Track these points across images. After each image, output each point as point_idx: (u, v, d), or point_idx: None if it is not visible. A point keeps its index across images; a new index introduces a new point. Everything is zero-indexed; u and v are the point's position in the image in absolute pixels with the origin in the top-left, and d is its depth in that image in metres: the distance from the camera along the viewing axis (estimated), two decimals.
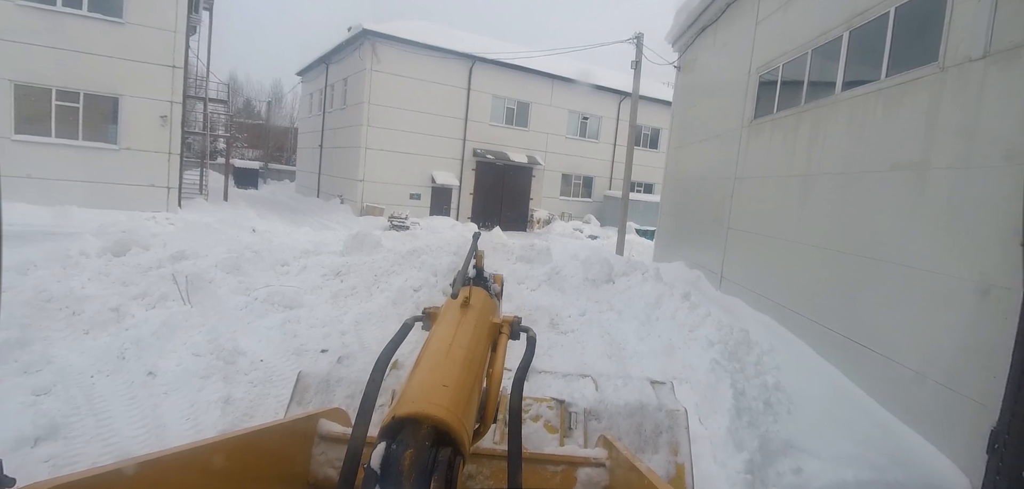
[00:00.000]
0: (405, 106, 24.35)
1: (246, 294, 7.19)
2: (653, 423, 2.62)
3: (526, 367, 1.77)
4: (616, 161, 31.98)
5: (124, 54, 15.10)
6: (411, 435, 1.18)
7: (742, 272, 8.47)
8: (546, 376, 3.06)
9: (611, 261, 9.75)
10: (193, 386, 4.69)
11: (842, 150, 5.99)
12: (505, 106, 27.50)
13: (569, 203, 31.00)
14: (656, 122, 33.02)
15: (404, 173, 24.87)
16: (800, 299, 6.70)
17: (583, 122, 30.65)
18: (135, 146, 15.53)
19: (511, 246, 11.06)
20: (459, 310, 1.94)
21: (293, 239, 12.97)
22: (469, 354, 1.62)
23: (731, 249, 8.97)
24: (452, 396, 1.32)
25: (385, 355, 1.62)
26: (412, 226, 20.94)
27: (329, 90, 29.39)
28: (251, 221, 18.53)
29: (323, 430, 1.94)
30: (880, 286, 5.20)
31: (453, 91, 25.63)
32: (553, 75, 28.19)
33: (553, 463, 1.98)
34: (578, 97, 29.55)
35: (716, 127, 10.28)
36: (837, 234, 6.02)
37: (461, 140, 26.22)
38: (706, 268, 9.96)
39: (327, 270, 9.06)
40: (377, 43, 23.18)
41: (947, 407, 4.21)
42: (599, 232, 26.77)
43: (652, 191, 33.62)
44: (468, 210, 26.98)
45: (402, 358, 2.86)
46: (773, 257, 7.54)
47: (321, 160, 30.33)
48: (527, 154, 27.91)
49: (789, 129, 7.41)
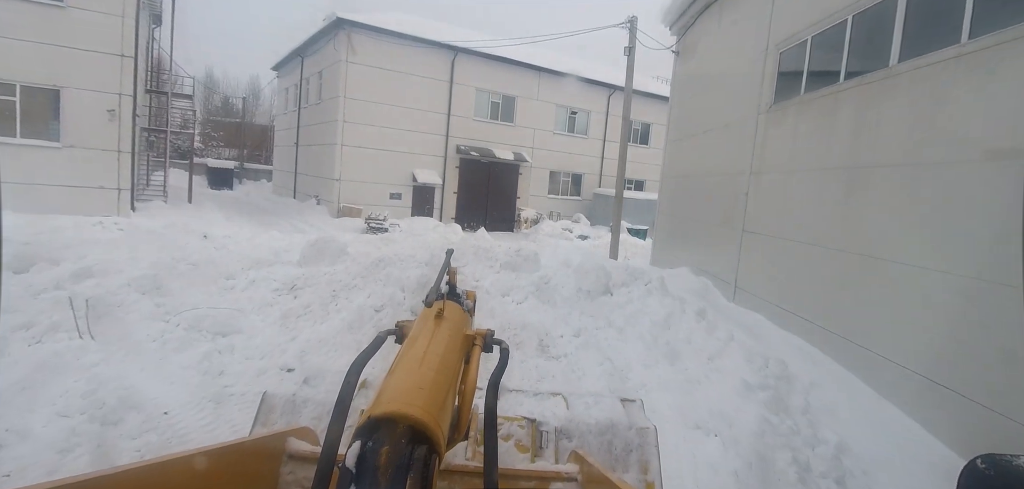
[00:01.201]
0: (383, 100, 22.97)
1: (165, 320, 5.87)
2: (623, 441, 2.63)
3: (501, 372, 1.70)
4: (606, 158, 30.85)
5: (66, 41, 13.60)
6: (387, 434, 1.19)
7: (762, 282, 7.31)
8: (518, 395, 3.04)
9: (608, 269, 8.54)
10: (46, 464, 3.40)
11: (903, 135, 4.81)
12: (490, 100, 26.20)
13: (557, 202, 29.79)
14: (647, 117, 31.95)
15: (383, 172, 23.49)
16: (850, 322, 5.53)
17: (571, 117, 29.43)
18: (80, 144, 14.03)
19: (495, 252, 9.82)
20: (433, 321, 1.95)
21: (252, 246, 11.64)
22: (443, 362, 1.63)
23: (747, 255, 7.81)
24: (428, 398, 1.34)
25: (359, 362, 1.53)
26: (391, 228, 19.60)
27: (304, 84, 27.88)
28: (215, 224, 17.11)
29: (292, 449, 1.92)
30: (971, 313, 4.01)
31: (435, 84, 24.28)
32: (540, 68, 26.95)
33: (525, 478, 1.99)
34: (566, 91, 28.34)
35: (725, 116, 9.11)
36: (903, 241, 4.83)
37: (444, 136, 24.90)
38: (715, 275, 8.79)
39: (280, 284, 7.77)
40: (353, 33, 21.77)
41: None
42: (589, 232, 25.62)
43: (643, 188, 32.58)
44: (452, 210, 25.66)
45: (370, 378, 2.84)
46: (806, 266, 6.37)
47: (297, 159, 28.83)
48: (513, 151, 26.66)
49: (823, 113, 6.24)
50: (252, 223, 19.37)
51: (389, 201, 23.73)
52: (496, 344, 2.05)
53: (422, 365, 1.54)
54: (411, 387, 1.36)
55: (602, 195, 29.78)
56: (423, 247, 13.16)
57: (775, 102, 7.43)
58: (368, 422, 1.21)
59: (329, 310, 6.97)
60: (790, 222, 6.81)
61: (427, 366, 1.54)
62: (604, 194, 29.66)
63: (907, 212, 4.83)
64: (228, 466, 1.59)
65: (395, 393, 1.32)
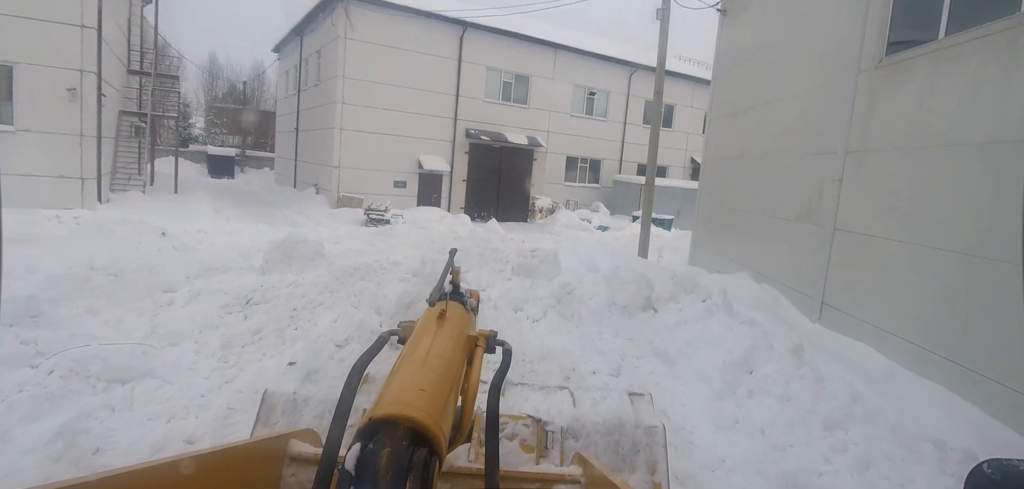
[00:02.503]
0: (386, 80, 21.10)
1: (33, 364, 4.12)
2: (631, 441, 2.58)
3: (503, 374, 1.72)
4: (627, 142, 28.74)
5: (18, 10, 11.92)
6: (388, 436, 1.17)
7: (871, 303, 5.38)
8: (523, 389, 2.98)
9: (650, 278, 6.67)
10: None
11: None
12: (502, 80, 24.21)
13: (575, 189, 27.79)
14: (669, 98, 29.70)
15: (386, 158, 21.68)
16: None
17: (590, 98, 27.32)
18: (37, 128, 12.40)
19: (505, 252, 7.97)
20: (436, 322, 1.93)
21: (218, 245, 9.95)
22: (446, 363, 1.62)
23: (841, 263, 5.88)
24: (429, 400, 1.32)
25: (361, 362, 1.54)
26: (393, 220, 17.84)
27: (303, 65, 26.12)
28: (198, 217, 15.47)
29: (293, 451, 1.91)
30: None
31: (442, 62, 22.35)
32: (556, 44, 24.87)
33: (528, 481, 2.01)
34: (584, 69, 26.24)
35: (798, 81, 7.14)
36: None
37: (452, 119, 23.01)
38: (787, 285, 6.86)
39: (232, 298, 6.04)
40: (351, 6, 19.87)
41: None
42: (609, 221, 23.64)
43: (665, 174, 30.45)
44: (461, 199, 23.81)
45: (374, 375, 2.83)
46: (954, 286, 4.42)
47: (297, 145, 27.16)
48: (527, 134, 24.70)
49: (989, 60, 4.27)
50: (242, 215, 17.72)
51: (393, 190, 21.95)
52: (499, 345, 2.02)
53: (424, 366, 1.53)
54: (412, 389, 1.36)
55: (623, 182, 27.74)
56: (421, 244, 11.39)
57: (888, 54, 5.45)
58: (369, 424, 1.21)
59: (284, 337, 5.21)
60: (920, 221, 4.86)
61: (429, 367, 1.53)
62: (625, 181, 27.61)
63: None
64: (230, 469, 1.59)
65: (396, 395, 1.32)
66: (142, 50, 21.50)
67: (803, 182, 6.70)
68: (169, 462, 1.39)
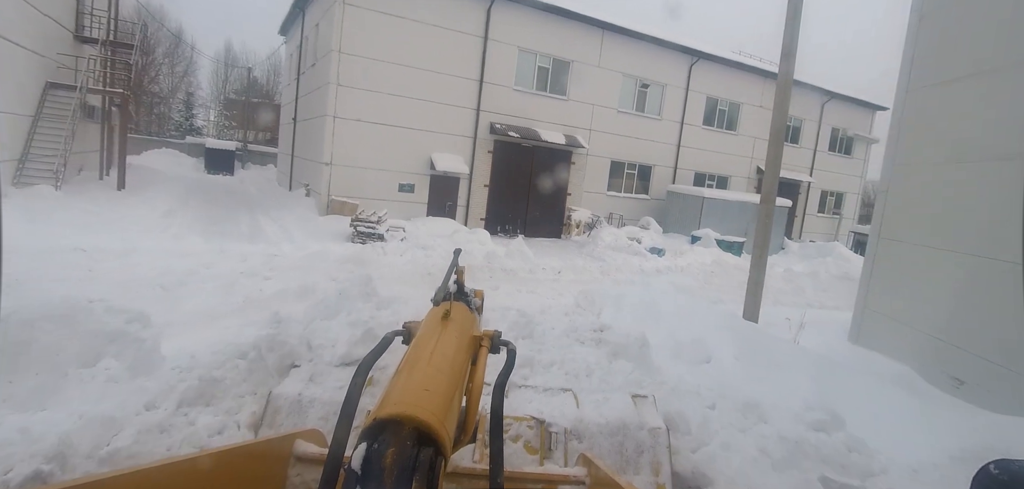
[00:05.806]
0: (392, 59, 16.94)
1: None
2: (635, 442, 2.58)
3: (507, 373, 1.73)
4: (683, 146, 24.01)
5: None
6: (393, 436, 1.17)
7: None
8: (526, 390, 2.97)
9: None
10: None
11: None
12: (536, 64, 19.81)
13: (619, 201, 23.17)
14: (734, 95, 24.92)
15: (390, 155, 17.48)
16: None
17: (642, 91, 22.68)
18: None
19: (541, 315, 3.64)
20: (440, 322, 1.92)
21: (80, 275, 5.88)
22: (450, 363, 1.61)
23: None
24: (434, 400, 1.32)
25: (366, 362, 1.50)
26: (390, 234, 13.60)
27: (304, 44, 22.23)
28: (132, 226, 11.50)
29: (299, 451, 1.93)
30: None
31: (463, 39, 18.08)
32: (603, 23, 20.37)
33: (532, 481, 2.02)
34: (636, 56, 21.66)
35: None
36: None
37: (473, 110, 18.70)
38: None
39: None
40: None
41: None
42: (662, 242, 18.93)
43: (726, 185, 25.64)
44: (481, 208, 19.46)
45: (378, 377, 2.84)
46: None
47: (294, 138, 23.29)
48: (564, 132, 20.24)
49: None
50: (200, 223, 13.72)
51: (397, 195, 17.75)
52: (503, 345, 2.00)
53: (429, 367, 1.53)
54: (417, 389, 1.36)
55: (678, 193, 23.01)
56: (416, 275, 7.07)
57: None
58: (374, 424, 1.20)
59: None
60: None
61: (434, 368, 1.53)
62: (681, 192, 22.89)
63: None
64: (236, 469, 1.60)
65: (401, 395, 1.32)
66: (111, 19, 17.87)
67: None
68: (176, 462, 1.44)
